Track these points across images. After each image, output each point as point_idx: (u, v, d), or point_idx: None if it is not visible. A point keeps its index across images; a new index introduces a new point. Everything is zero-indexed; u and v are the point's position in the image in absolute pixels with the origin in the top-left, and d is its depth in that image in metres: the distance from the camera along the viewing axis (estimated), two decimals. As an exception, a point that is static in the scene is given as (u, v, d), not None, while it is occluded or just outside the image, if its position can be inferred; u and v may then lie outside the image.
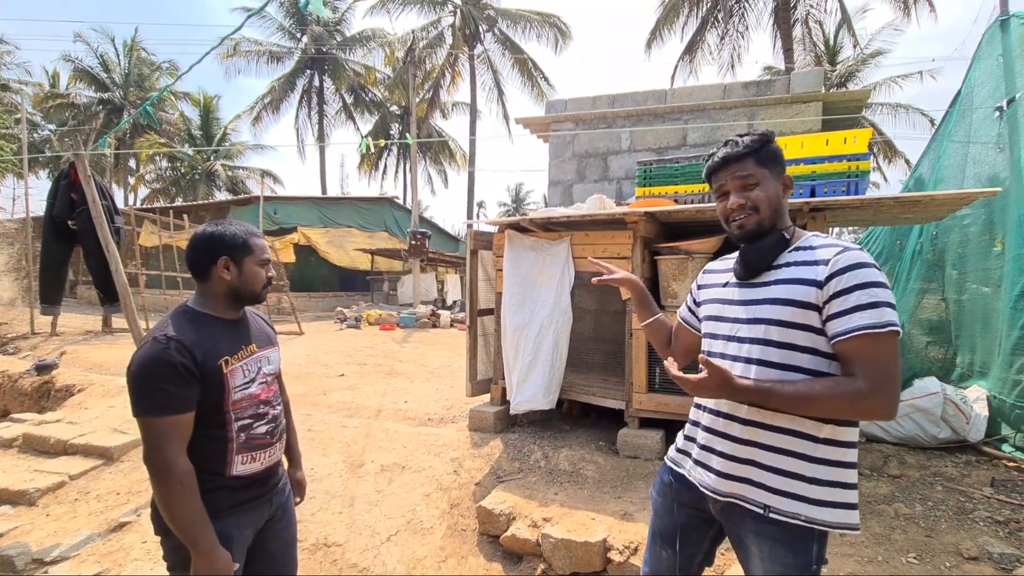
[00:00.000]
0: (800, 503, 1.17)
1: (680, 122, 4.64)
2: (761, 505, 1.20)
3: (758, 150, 1.28)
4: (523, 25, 20.26)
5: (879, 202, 2.97)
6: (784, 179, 1.31)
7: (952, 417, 3.50)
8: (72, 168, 5.14)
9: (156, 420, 1.28)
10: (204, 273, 1.46)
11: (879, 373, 1.08)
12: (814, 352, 1.18)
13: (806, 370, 1.18)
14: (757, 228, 1.28)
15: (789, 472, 1.18)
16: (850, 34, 17.38)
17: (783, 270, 1.24)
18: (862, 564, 2.35)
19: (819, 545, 1.20)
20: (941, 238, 4.43)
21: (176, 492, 1.28)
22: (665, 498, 1.46)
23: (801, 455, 1.18)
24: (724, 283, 1.38)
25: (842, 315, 1.12)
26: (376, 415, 4.69)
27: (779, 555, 1.19)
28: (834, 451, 1.18)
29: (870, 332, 1.09)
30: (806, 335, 1.17)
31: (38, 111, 24.24)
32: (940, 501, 2.89)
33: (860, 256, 1.15)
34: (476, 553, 2.81)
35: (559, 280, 3.91)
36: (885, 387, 1.08)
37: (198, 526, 1.30)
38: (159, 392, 1.29)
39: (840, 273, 1.13)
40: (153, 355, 1.30)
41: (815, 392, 1.12)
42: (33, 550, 2.74)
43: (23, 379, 5.35)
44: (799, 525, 1.16)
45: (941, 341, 4.48)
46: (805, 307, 1.17)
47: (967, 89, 4.32)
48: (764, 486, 1.20)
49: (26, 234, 9.61)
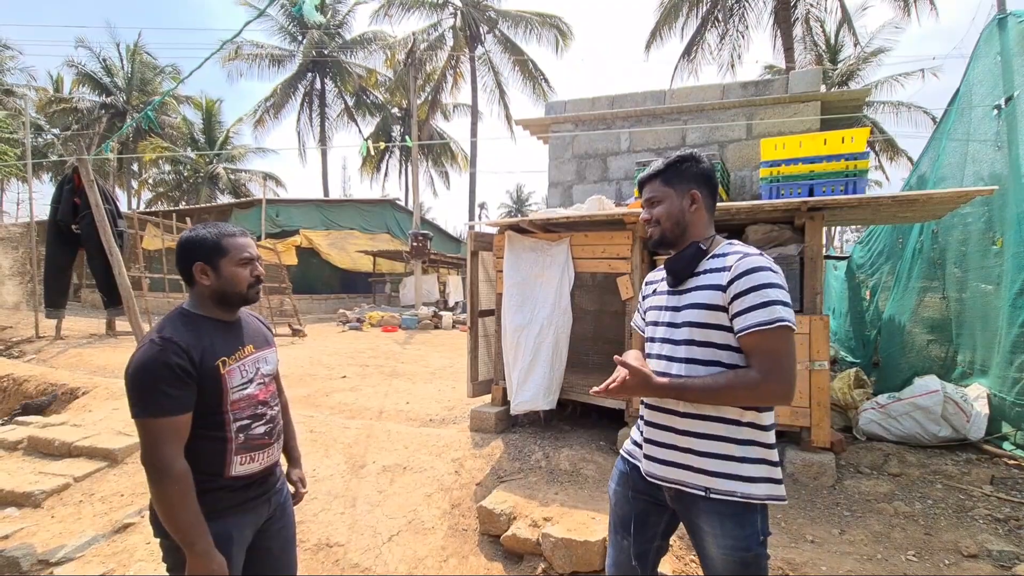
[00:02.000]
0: (734, 481, 1.30)
1: (679, 123, 4.65)
2: (702, 488, 1.33)
3: (664, 171, 1.47)
4: (524, 26, 20.30)
5: (877, 201, 2.98)
6: (691, 195, 1.44)
7: (952, 415, 3.50)
8: (76, 173, 5.20)
9: (153, 421, 1.29)
10: (188, 278, 1.47)
11: (770, 363, 1.24)
12: (730, 348, 1.32)
13: (727, 364, 1.32)
14: (660, 238, 1.48)
15: (721, 455, 1.32)
16: (850, 33, 17.38)
17: (701, 277, 1.40)
18: (861, 562, 2.36)
19: (761, 517, 1.33)
20: (942, 236, 4.43)
21: (172, 493, 1.29)
22: (623, 487, 1.56)
23: (730, 439, 1.32)
24: (659, 291, 1.54)
25: (740, 314, 1.28)
26: (378, 416, 4.71)
27: (728, 528, 1.31)
28: (757, 433, 1.32)
29: (761, 329, 1.24)
30: (721, 334, 1.33)
31: (42, 115, 24.39)
32: (940, 499, 2.89)
33: (757, 261, 1.29)
34: (477, 553, 2.82)
35: (559, 281, 3.93)
36: (776, 375, 1.23)
37: (193, 527, 1.30)
38: (156, 393, 1.29)
39: (739, 277, 1.29)
40: (150, 357, 1.30)
41: (719, 384, 1.28)
42: (38, 551, 2.77)
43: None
44: (738, 501, 1.30)
45: (942, 339, 4.47)
46: (715, 309, 1.33)
47: (966, 87, 4.32)
48: (702, 470, 1.34)
49: (30, 238, 9.67)
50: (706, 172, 1.47)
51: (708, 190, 1.47)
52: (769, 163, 3.49)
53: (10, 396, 5.66)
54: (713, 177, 1.48)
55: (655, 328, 1.50)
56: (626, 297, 3.67)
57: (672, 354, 1.40)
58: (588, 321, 5.00)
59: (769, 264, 1.29)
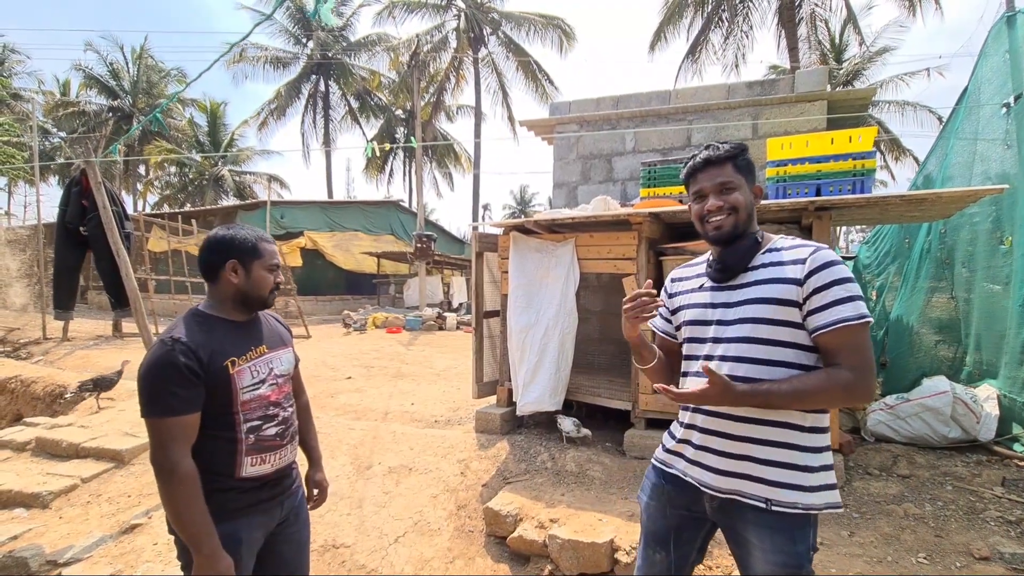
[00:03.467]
0: (798, 492, 1.23)
1: (684, 123, 4.64)
2: (762, 499, 1.25)
3: (736, 157, 1.35)
4: (527, 28, 20.30)
5: (885, 200, 2.96)
6: (755, 188, 1.38)
7: (962, 416, 3.47)
8: (83, 175, 5.23)
9: (161, 421, 1.30)
10: (213, 275, 1.47)
11: (860, 360, 1.19)
12: (796, 346, 1.25)
13: (790, 364, 1.25)
14: (733, 229, 1.34)
15: (784, 463, 1.24)
16: (855, 32, 17.28)
17: (760, 271, 1.31)
18: (871, 564, 2.34)
19: (813, 529, 1.27)
20: (950, 236, 4.40)
21: (179, 493, 1.29)
22: (657, 501, 1.47)
23: (793, 445, 1.25)
24: (699, 287, 1.43)
25: (822, 309, 1.20)
26: (383, 417, 4.71)
27: (780, 543, 1.23)
28: (817, 438, 1.27)
29: (849, 324, 1.18)
30: (788, 330, 1.25)
31: (49, 119, 24.59)
32: (950, 501, 2.86)
33: (831, 255, 1.24)
34: (483, 554, 2.81)
35: (564, 281, 3.92)
36: (867, 372, 1.19)
37: (200, 528, 1.30)
38: (165, 393, 1.30)
39: (818, 270, 1.22)
40: (159, 357, 1.31)
41: (810, 386, 1.19)
42: (47, 552, 2.78)
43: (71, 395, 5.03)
44: (798, 513, 1.23)
45: (950, 340, 4.43)
46: (786, 304, 1.25)
47: (974, 86, 4.29)
48: (764, 480, 1.25)
49: (37, 240, 9.74)
50: (755, 168, 1.42)
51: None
52: (775, 163, 3.47)
53: (18, 397, 5.70)
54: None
55: (699, 327, 1.39)
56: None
57: (725, 354, 1.30)
58: (593, 322, 4.98)
59: (839, 257, 1.24)
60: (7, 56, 23.52)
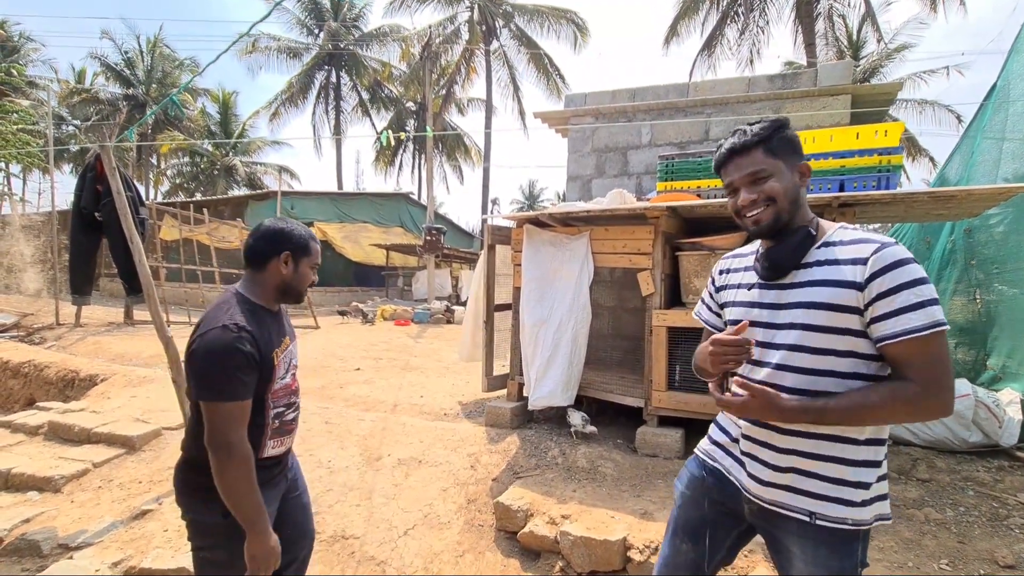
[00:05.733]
0: (847, 507, 1.13)
1: (702, 116, 4.55)
2: (807, 512, 1.16)
3: (768, 139, 1.19)
4: (539, 21, 20.13)
5: (912, 197, 2.87)
6: (801, 167, 1.21)
7: (984, 420, 3.39)
8: (98, 160, 5.23)
9: (226, 405, 1.34)
10: (262, 263, 1.53)
11: (933, 375, 1.05)
12: (853, 355, 1.12)
13: (843, 374, 1.13)
14: (775, 221, 1.19)
15: (833, 478, 1.15)
16: (874, 28, 16.96)
17: (814, 269, 1.17)
18: (891, 569, 2.28)
19: (863, 545, 1.17)
20: (975, 236, 4.29)
21: (240, 474, 1.35)
22: (694, 492, 1.41)
23: (844, 460, 1.14)
24: (748, 284, 1.30)
25: (888, 317, 1.06)
26: (392, 409, 4.70)
27: (823, 558, 1.16)
28: (875, 451, 1.15)
29: (920, 335, 1.04)
30: (844, 339, 1.12)
31: (64, 107, 24.77)
32: (972, 507, 2.79)
33: (900, 252, 1.08)
34: (493, 549, 2.79)
35: (578, 276, 3.87)
36: (941, 387, 1.05)
37: (257, 508, 1.37)
38: (232, 379, 1.34)
39: (882, 273, 1.07)
40: (227, 344, 1.35)
41: (871, 402, 1.08)
42: (59, 535, 2.79)
43: None
44: (847, 529, 1.14)
45: (971, 343, 4.34)
46: (843, 311, 1.11)
47: (1003, 82, 4.17)
48: (809, 493, 1.16)
49: (52, 227, 9.81)
50: (800, 142, 1.22)
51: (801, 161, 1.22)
52: (798, 158, 3.38)
53: (31, 381, 5.75)
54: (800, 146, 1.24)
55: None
56: (647, 293, 3.60)
57: (783, 362, 1.18)
58: (605, 317, 4.93)
59: (912, 256, 1.08)
60: (23, 44, 23.68)
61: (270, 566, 1.39)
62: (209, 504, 1.39)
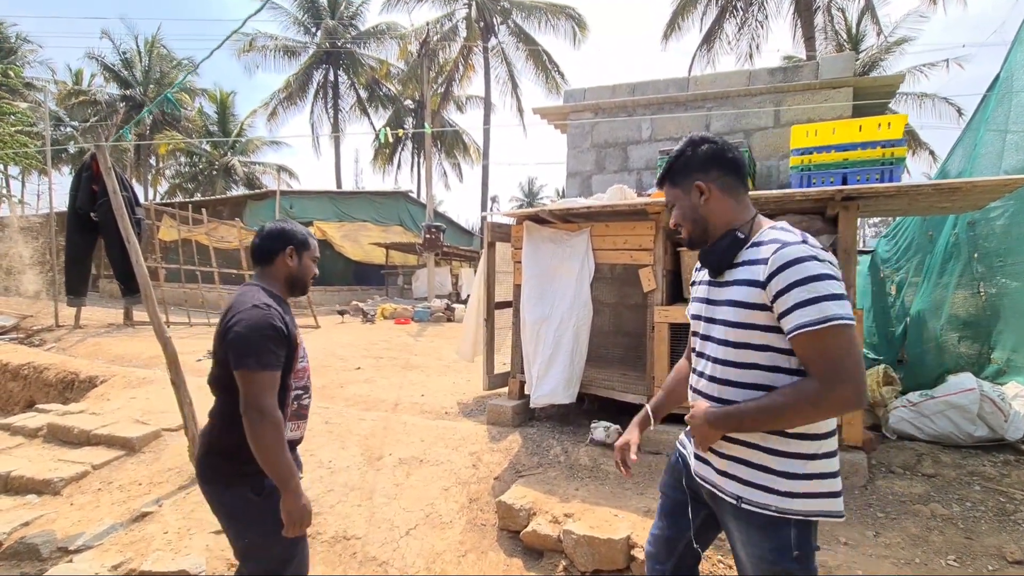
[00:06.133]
0: (770, 495, 1.21)
1: (703, 110, 4.51)
2: (735, 496, 1.26)
3: (668, 171, 1.37)
4: (537, 16, 20.05)
5: (916, 189, 2.84)
6: (695, 187, 1.32)
7: (989, 415, 3.36)
8: (94, 160, 5.20)
9: (262, 374, 1.48)
10: (270, 258, 1.72)
11: (830, 369, 1.09)
12: (769, 349, 1.20)
13: (764, 367, 1.21)
14: (691, 238, 1.37)
15: (759, 465, 1.23)
16: (873, 22, 16.90)
17: (740, 269, 1.26)
18: (899, 566, 2.26)
19: (799, 531, 1.21)
20: (978, 228, 4.25)
21: (275, 436, 1.47)
22: (672, 476, 1.56)
23: (770, 450, 1.22)
24: (702, 281, 1.43)
25: (786, 314, 1.14)
26: (393, 408, 4.67)
27: (755, 539, 1.24)
28: (808, 444, 1.20)
29: (810, 330, 1.09)
30: (758, 334, 1.21)
31: (61, 108, 24.70)
32: (979, 502, 2.77)
33: (797, 251, 1.14)
34: (496, 548, 2.77)
35: (579, 272, 3.84)
36: (839, 380, 1.08)
37: (290, 467, 1.50)
38: (267, 351, 1.50)
39: (779, 272, 1.14)
40: (263, 319, 1.52)
41: (777, 404, 1.15)
42: (58, 538, 2.77)
43: None
44: (770, 515, 1.21)
45: (975, 336, 4.30)
46: (754, 308, 1.20)
47: (1006, 74, 4.13)
48: (737, 478, 1.26)
49: (50, 228, 9.78)
50: (713, 153, 1.30)
51: (722, 170, 1.30)
52: (800, 151, 3.35)
53: (31, 384, 5.73)
54: (725, 154, 1.31)
55: (696, 323, 1.42)
56: (648, 289, 3.57)
57: (715, 355, 1.30)
58: (607, 314, 4.90)
59: (814, 252, 1.13)
60: (20, 45, 23.60)
61: (304, 523, 1.53)
62: (236, 486, 1.56)
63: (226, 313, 1.58)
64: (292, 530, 1.51)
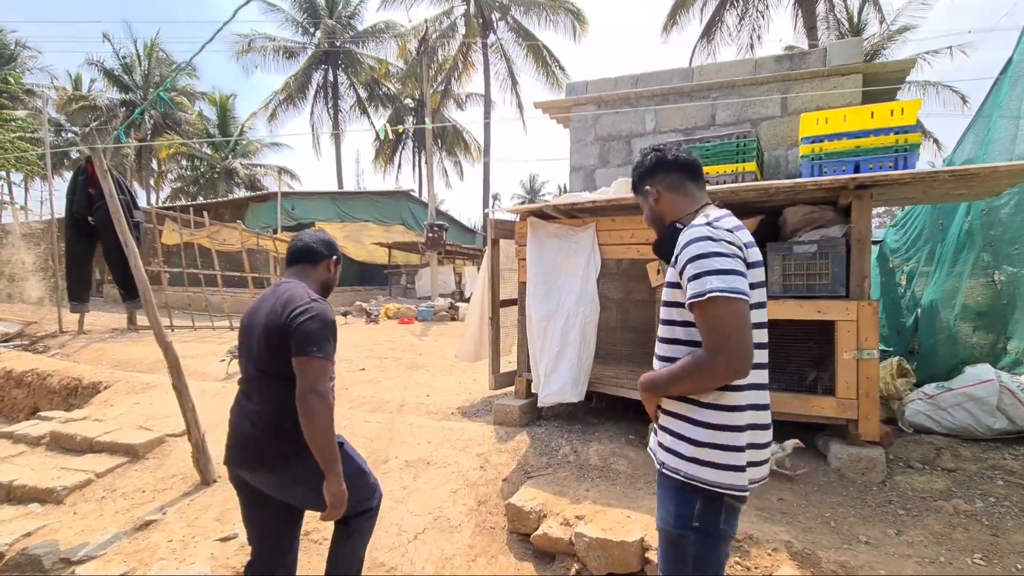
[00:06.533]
0: (681, 461, 1.31)
1: (708, 100, 4.42)
2: (659, 462, 1.39)
3: (632, 185, 1.59)
4: (536, 12, 19.93)
5: (933, 176, 2.76)
6: (645, 192, 1.52)
7: (1009, 406, 3.28)
8: (89, 163, 5.15)
9: (324, 362, 1.63)
10: (317, 261, 1.89)
11: (708, 339, 1.22)
12: (687, 324, 1.33)
13: (684, 341, 1.34)
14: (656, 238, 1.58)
15: (675, 433, 1.34)
16: (875, 9, 16.71)
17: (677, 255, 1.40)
18: (923, 565, 2.18)
19: (704, 503, 1.29)
20: (992, 216, 4.15)
21: (329, 419, 1.61)
22: None
23: (686, 418, 1.32)
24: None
25: (686, 290, 1.28)
26: (399, 409, 4.62)
27: (664, 501, 1.37)
28: (718, 415, 1.28)
29: (696, 301, 1.22)
30: (678, 311, 1.35)
31: (61, 114, 24.72)
32: (1003, 497, 2.69)
33: (691, 232, 1.29)
34: (506, 552, 2.70)
35: (584, 268, 3.77)
36: (719, 349, 1.19)
37: (336, 451, 1.65)
38: (328, 340, 1.65)
39: (680, 252, 1.30)
40: (327, 311, 1.70)
41: (675, 371, 1.30)
42: (61, 549, 2.72)
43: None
44: (679, 479, 1.31)
45: (990, 326, 4.21)
46: (674, 287, 1.36)
47: (1020, 56, 4.02)
48: (661, 444, 1.39)
49: (51, 234, 9.77)
50: (657, 159, 1.50)
51: (666, 171, 1.48)
52: (810, 139, 3.27)
53: (34, 391, 5.69)
54: (667, 156, 1.48)
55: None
56: (656, 284, 3.50)
57: (659, 333, 1.47)
58: (613, 310, 4.83)
59: (706, 233, 1.26)
60: (19, 52, 23.61)
61: (343, 508, 1.67)
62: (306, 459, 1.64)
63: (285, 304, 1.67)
64: (333, 513, 1.64)
